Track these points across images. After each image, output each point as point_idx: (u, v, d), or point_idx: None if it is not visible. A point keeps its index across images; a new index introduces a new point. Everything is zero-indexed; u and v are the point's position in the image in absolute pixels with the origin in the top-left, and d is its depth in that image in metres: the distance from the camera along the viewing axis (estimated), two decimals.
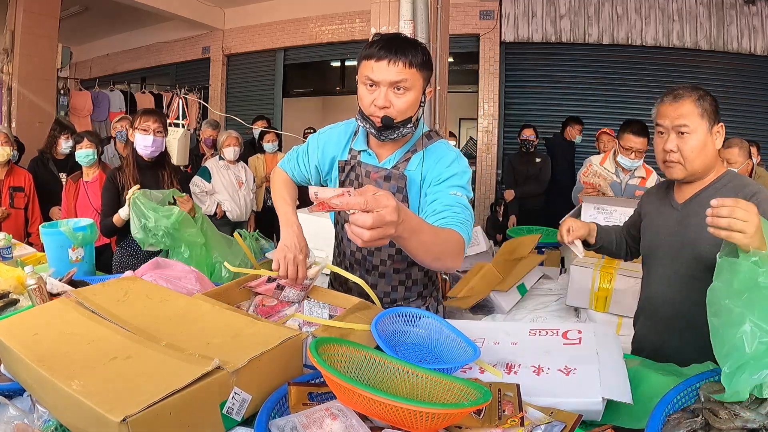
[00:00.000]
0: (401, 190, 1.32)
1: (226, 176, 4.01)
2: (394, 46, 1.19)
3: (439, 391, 0.87)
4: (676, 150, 1.30)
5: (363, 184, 1.33)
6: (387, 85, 1.20)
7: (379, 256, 1.40)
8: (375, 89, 1.22)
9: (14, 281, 1.40)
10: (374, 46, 1.21)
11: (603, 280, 2.09)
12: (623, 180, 2.81)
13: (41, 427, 0.84)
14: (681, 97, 1.30)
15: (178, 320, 1.01)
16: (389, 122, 1.23)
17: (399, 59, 1.18)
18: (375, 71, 1.20)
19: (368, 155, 1.36)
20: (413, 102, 1.24)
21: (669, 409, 0.83)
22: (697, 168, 1.32)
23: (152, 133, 2.25)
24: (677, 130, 1.30)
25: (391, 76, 1.19)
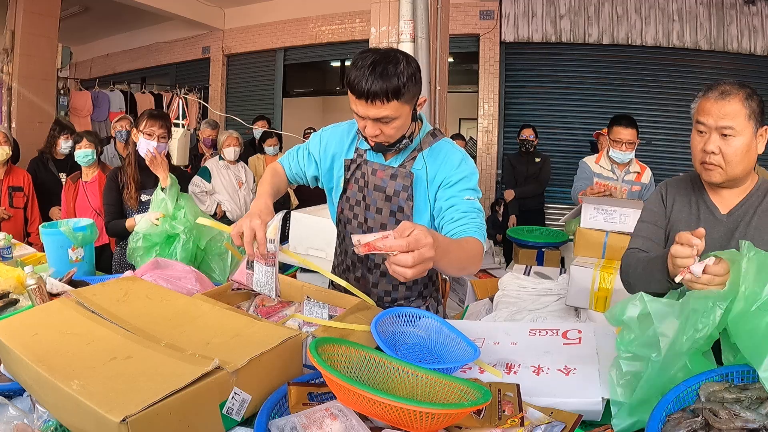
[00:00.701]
0: (406, 188, 1.33)
1: (226, 176, 4.01)
2: (369, 84, 1.15)
3: (439, 391, 0.87)
4: (718, 152, 1.18)
5: (369, 182, 1.36)
6: (371, 120, 1.21)
7: (381, 255, 1.39)
8: (363, 120, 1.24)
9: (14, 281, 1.40)
10: (351, 77, 1.18)
11: (603, 280, 2.09)
12: (619, 176, 2.84)
13: (41, 427, 0.84)
14: (728, 95, 1.18)
15: (178, 320, 1.01)
16: (381, 148, 1.29)
17: (376, 98, 1.17)
18: (358, 107, 1.21)
19: (374, 154, 1.38)
20: (402, 125, 1.25)
21: (669, 409, 0.83)
22: (738, 173, 1.21)
23: (156, 139, 2.25)
24: (721, 131, 1.18)
25: (374, 114, 1.19)
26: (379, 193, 1.36)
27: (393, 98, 1.17)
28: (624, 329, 0.91)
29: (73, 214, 2.89)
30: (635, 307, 0.87)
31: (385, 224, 1.37)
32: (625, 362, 0.89)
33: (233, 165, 4.07)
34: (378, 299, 1.43)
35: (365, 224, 1.40)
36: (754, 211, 1.24)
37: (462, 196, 1.29)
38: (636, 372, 0.88)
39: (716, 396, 0.84)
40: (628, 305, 0.88)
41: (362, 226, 1.40)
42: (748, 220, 1.24)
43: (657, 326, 0.84)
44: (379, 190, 1.36)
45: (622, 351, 0.90)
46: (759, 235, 1.21)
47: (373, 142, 1.27)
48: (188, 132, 3.63)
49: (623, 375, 0.90)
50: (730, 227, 1.25)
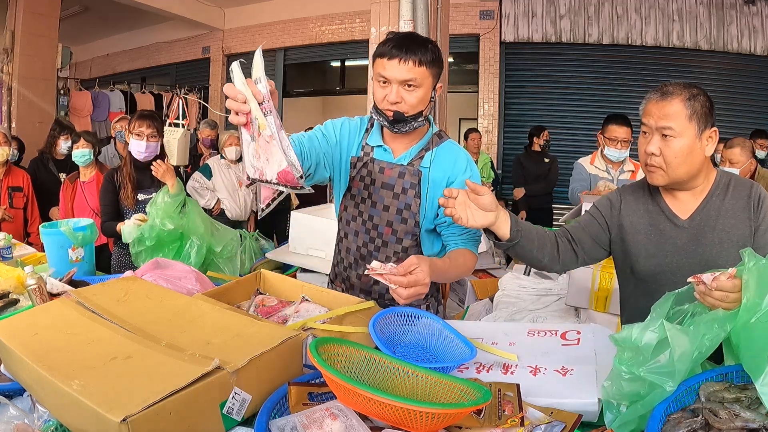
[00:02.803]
0: (414, 186, 1.36)
1: (227, 175, 4.01)
2: (405, 45, 1.24)
3: (439, 391, 0.87)
4: (659, 153, 1.16)
5: (375, 180, 1.38)
6: (398, 82, 1.25)
7: (384, 252, 1.41)
8: (387, 86, 1.27)
9: (14, 281, 1.40)
10: (386, 45, 1.26)
11: (603, 280, 2.09)
12: (614, 176, 2.85)
13: (41, 427, 0.84)
14: (669, 95, 1.15)
15: (178, 320, 1.01)
16: (400, 117, 1.28)
17: (409, 58, 1.23)
18: (387, 69, 1.25)
19: (384, 151, 1.39)
20: (423, 97, 1.28)
21: (669, 409, 0.83)
22: (680, 175, 1.18)
23: (145, 138, 2.27)
24: (661, 131, 1.15)
25: (402, 74, 1.24)
26: (386, 191, 1.37)
27: (422, 64, 1.24)
28: (628, 351, 0.88)
29: (71, 214, 2.89)
30: (653, 333, 0.85)
31: (391, 221, 1.38)
32: (628, 383, 0.87)
33: (234, 164, 4.07)
34: (379, 296, 1.43)
35: (370, 221, 1.40)
36: (717, 213, 1.21)
37: None
38: (636, 392, 0.86)
39: (716, 396, 0.84)
40: (646, 332, 0.85)
41: (366, 223, 1.41)
42: (713, 223, 1.21)
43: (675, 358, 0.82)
44: (387, 187, 1.37)
45: (624, 372, 0.87)
46: (727, 237, 1.19)
47: (392, 112, 1.28)
48: (188, 132, 3.63)
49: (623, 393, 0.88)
50: (694, 233, 1.21)
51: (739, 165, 2.87)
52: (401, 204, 1.37)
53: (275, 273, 1.50)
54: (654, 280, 1.27)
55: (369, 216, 1.40)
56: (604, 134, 2.85)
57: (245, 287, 1.39)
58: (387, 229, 1.39)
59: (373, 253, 1.41)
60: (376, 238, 1.40)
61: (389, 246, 1.40)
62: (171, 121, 3.65)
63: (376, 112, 1.32)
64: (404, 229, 1.38)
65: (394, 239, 1.39)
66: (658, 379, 0.83)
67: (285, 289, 1.41)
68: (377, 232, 1.40)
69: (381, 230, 1.39)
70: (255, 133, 0.98)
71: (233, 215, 4.05)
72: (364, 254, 1.43)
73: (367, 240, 1.41)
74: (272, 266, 3.02)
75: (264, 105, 0.96)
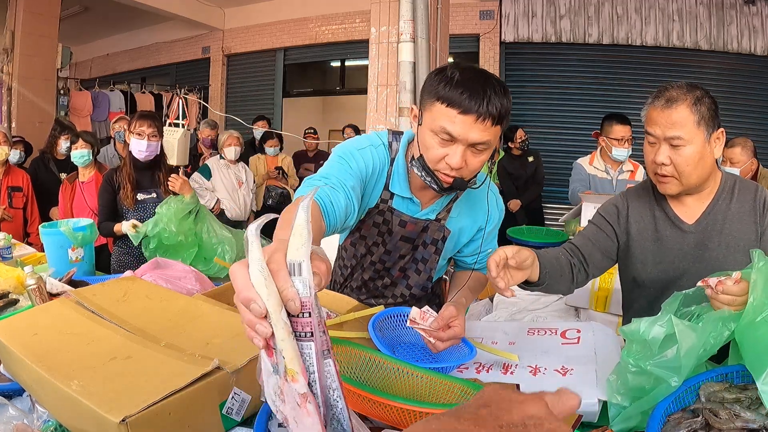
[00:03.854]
0: (436, 242, 1.23)
1: (226, 175, 4.01)
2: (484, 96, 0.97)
3: (439, 391, 0.87)
4: (669, 163, 1.12)
5: (394, 232, 1.22)
6: (467, 144, 1.00)
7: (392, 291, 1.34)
8: (449, 144, 1.01)
9: (14, 281, 1.40)
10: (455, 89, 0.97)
11: (603, 280, 2.09)
12: (613, 176, 2.85)
13: (41, 427, 0.84)
14: (674, 102, 1.09)
15: (178, 320, 1.01)
16: (461, 184, 1.06)
17: (488, 116, 0.97)
18: (457, 125, 0.98)
19: (411, 203, 1.19)
20: (486, 160, 1.05)
21: (669, 409, 0.83)
22: (693, 182, 1.15)
23: (146, 138, 2.29)
24: (670, 141, 1.11)
25: (475, 136, 0.99)
26: (405, 243, 1.24)
27: (499, 122, 1.00)
28: (636, 344, 0.88)
29: (70, 214, 2.89)
30: (661, 328, 0.85)
31: (405, 268, 1.29)
32: (633, 376, 0.87)
33: (233, 164, 4.07)
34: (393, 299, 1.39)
35: (381, 264, 1.29)
36: (723, 218, 1.19)
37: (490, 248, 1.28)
38: (641, 387, 0.87)
39: (716, 396, 0.84)
40: (654, 326, 0.85)
41: (376, 265, 1.29)
42: (719, 228, 1.19)
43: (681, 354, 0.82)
44: (407, 241, 1.24)
45: (631, 365, 0.87)
46: (734, 241, 1.18)
47: (451, 178, 1.04)
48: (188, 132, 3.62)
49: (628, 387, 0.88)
50: (700, 238, 1.19)
51: (740, 165, 2.86)
52: (419, 255, 1.26)
53: None
54: (659, 286, 1.24)
55: (380, 260, 1.28)
56: (608, 135, 2.83)
57: None
58: (399, 273, 1.30)
59: (381, 289, 1.34)
60: (386, 278, 1.32)
61: (398, 288, 1.33)
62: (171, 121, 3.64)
63: (423, 170, 1.06)
64: (416, 280, 1.30)
65: (404, 283, 1.32)
66: (663, 373, 0.83)
67: None
68: (388, 274, 1.31)
69: (393, 273, 1.30)
70: (280, 369, 0.55)
71: (233, 215, 4.04)
72: (370, 288, 1.35)
73: (374, 277, 1.31)
74: None
75: (301, 321, 0.52)
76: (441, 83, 1.00)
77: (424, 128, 1.05)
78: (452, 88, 0.98)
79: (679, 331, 0.83)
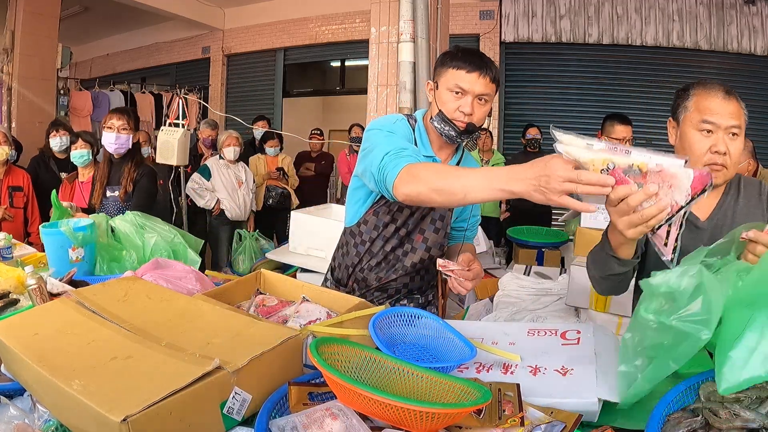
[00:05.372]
0: None
1: (226, 175, 4.02)
2: (483, 61, 1.31)
3: (440, 391, 0.87)
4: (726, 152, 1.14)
5: None
6: (474, 95, 1.30)
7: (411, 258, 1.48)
8: (461, 97, 1.31)
9: (14, 281, 1.40)
10: (460, 59, 1.31)
11: None
12: None
13: (41, 427, 0.84)
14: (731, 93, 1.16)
15: (178, 320, 1.01)
16: (473, 128, 1.34)
17: (487, 74, 1.30)
18: (466, 81, 1.30)
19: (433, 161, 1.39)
20: (486, 113, 1.36)
21: (669, 409, 0.83)
22: (733, 173, 1.18)
23: (116, 130, 2.33)
24: (730, 131, 1.14)
25: (480, 88, 1.30)
26: None
27: (495, 81, 1.32)
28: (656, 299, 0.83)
29: None
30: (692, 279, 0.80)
31: (424, 229, 1.44)
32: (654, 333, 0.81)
33: (233, 164, 4.08)
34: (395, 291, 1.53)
35: (404, 228, 1.43)
36: (732, 213, 1.21)
37: (478, 215, 1.52)
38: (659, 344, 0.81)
39: (716, 396, 0.84)
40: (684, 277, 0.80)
41: (400, 230, 1.44)
42: (729, 223, 1.19)
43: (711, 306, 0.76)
44: None
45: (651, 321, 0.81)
46: None
47: (464, 123, 1.32)
48: (188, 132, 3.63)
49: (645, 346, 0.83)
50: (713, 234, 1.19)
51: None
52: (436, 214, 1.42)
53: (275, 273, 1.50)
54: None
55: (404, 222, 1.43)
56: (608, 135, 2.82)
57: (245, 287, 1.39)
58: (419, 236, 1.45)
59: (401, 258, 1.46)
60: (406, 244, 1.45)
61: (417, 253, 1.46)
62: (171, 121, 3.65)
63: (442, 121, 1.33)
64: (435, 239, 1.45)
65: (423, 247, 1.45)
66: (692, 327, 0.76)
67: (285, 289, 1.41)
68: (409, 239, 1.45)
69: (413, 236, 1.45)
70: (638, 179, 0.82)
71: (233, 215, 4.05)
72: (390, 259, 1.47)
73: (396, 245, 1.45)
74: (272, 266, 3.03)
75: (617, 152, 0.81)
76: (449, 57, 1.34)
77: (440, 91, 1.34)
78: (459, 57, 1.31)
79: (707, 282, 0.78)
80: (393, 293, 1.52)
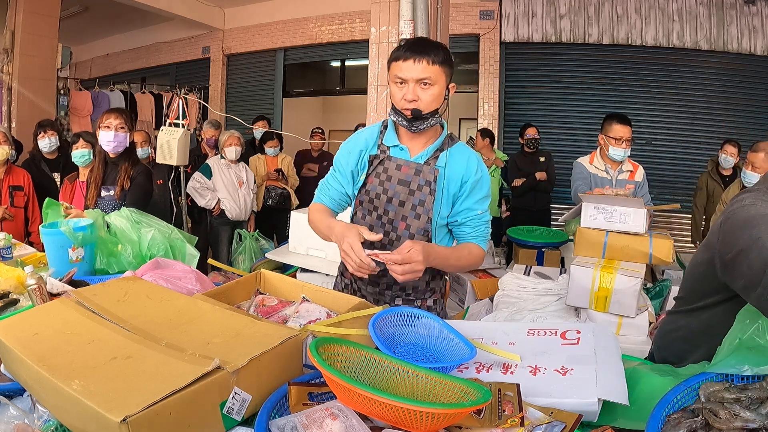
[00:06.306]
0: (429, 184, 1.44)
1: (227, 175, 4.02)
2: (418, 47, 1.35)
3: (440, 391, 0.87)
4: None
5: (392, 177, 1.47)
6: (414, 81, 1.35)
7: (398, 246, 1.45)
8: (404, 86, 1.37)
9: (14, 281, 1.40)
10: (401, 49, 1.37)
11: (603, 279, 2.09)
12: (613, 176, 2.85)
13: (41, 427, 0.84)
14: None
15: (178, 320, 1.01)
16: (418, 114, 1.37)
17: (422, 58, 1.33)
18: (403, 70, 1.35)
19: (400, 150, 1.48)
20: (438, 95, 1.38)
21: (669, 409, 0.83)
22: None
23: (114, 129, 2.34)
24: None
25: (417, 73, 1.34)
26: (402, 187, 1.45)
27: (435, 63, 1.34)
28: None
29: None
30: None
31: (405, 216, 1.46)
32: None
33: (234, 164, 4.08)
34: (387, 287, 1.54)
35: (386, 216, 1.48)
36: None
37: (476, 209, 1.46)
38: None
39: (716, 396, 0.84)
40: None
41: (382, 218, 1.48)
42: None
43: None
44: (403, 184, 1.45)
45: None
46: None
47: (410, 110, 1.36)
48: (188, 132, 3.63)
49: None
50: None
51: (762, 171, 2.84)
52: (416, 200, 1.45)
53: (275, 273, 1.50)
54: None
55: (384, 210, 1.48)
56: (607, 134, 2.83)
57: (245, 287, 1.39)
58: (402, 224, 1.47)
59: (387, 247, 1.47)
60: (391, 232, 1.49)
61: (402, 240, 1.47)
62: (171, 121, 3.65)
63: (395, 113, 1.41)
64: (417, 225, 1.47)
65: (407, 233, 1.47)
66: None
67: (285, 289, 1.41)
68: (392, 227, 1.48)
69: (396, 224, 1.48)
70: None
71: (233, 215, 4.05)
72: (377, 248, 1.45)
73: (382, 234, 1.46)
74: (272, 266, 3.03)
75: None
76: (393, 52, 1.40)
77: (390, 84, 1.42)
78: (398, 50, 1.38)
79: None
80: (384, 288, 1.52)
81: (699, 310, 1.22)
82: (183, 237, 1.93)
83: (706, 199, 4.28)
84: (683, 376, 0.96)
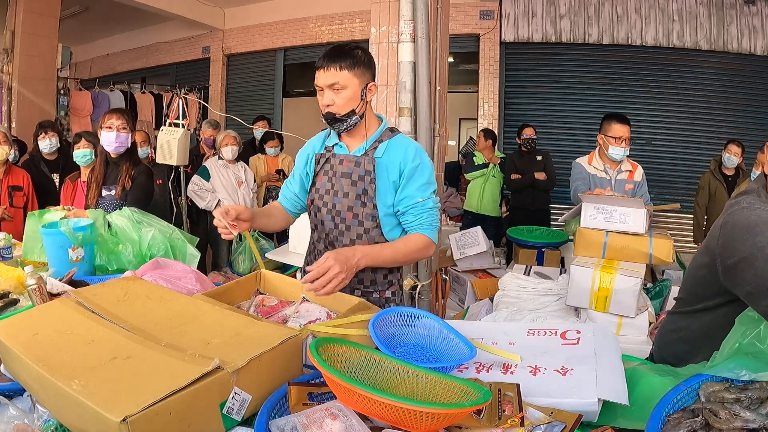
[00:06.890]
0: (369, 173, 1.51)
1: (225, 176, 4.01)
2: (327, 55, 1.45)
3: (440, 391, 0.87)
4: None
5: (337, 172, 1.56)
6: (327, 87, 1.46)
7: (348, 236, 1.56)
8: (322, 92, 1.48)
9: (14, 281, 1.40)
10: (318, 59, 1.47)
11: (603, 279, 2.09)
12: (612, 176, 2.85)
13: (41, 427, 0.84)
14: None
15: (178, 320, 1.01)
16: (332, 116, 1.48)
17: (330, 66, 1.44)
18: (318, 78, 1.47)
19: (340, 147, 1.58)
20: (350, 97, 1.46)
21: (669, 409, 0.83)
22: None
23: (116, 129, 2.36)
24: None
25: (327, 80, 1.45)
26: (345, 180, 1.54)
27: (343, 68, 1.43)
28: None
29: None
30: None
31: (351, 206, 1.54)
32: None
33: (233, 164, 4.07)
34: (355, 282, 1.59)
35: (334, 209, 1.56)
36: None
37: (416, 197, 1.51)
38: None
39: (716, 396, 0.84)
40: None
41: (331, 212, 1.57)
42: None
43: None
44: (346, 176, 1.54)
45: None
46: None
47: (326, 112, 1.48)
48: (188, 132, 3.63)
49: None
50: None
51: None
52: (359, 190, 1.52)
53: (275, 273, 1.50)
54: None
55: (333, 204, 1.56)
56: (606, 134, 2.83)
57: (245, 287, 1.39)
58: (349, 214, 1.55)
59: (339, 238, 1.57)
60: (340, 224, 1.57)
61: (352, 229, 1.56)
62: (171, 121, 3.65)
63: (322, 116, 1.51)
64: (364, 212, 1.54)
65: (356, 222, 1.55)
66: None
67: (285, 289, 1.41)
68: (341, 218, 1.56)
69: (344, 215, 1.56)
70: None
71: None
72: (332, 240, 1.59)
73: (332, 227, 1.58)
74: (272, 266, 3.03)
75: None
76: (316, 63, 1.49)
77: None
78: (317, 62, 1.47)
79: None
80: None
81: (700, 312, 1.22)
82: (184, 237, 1.94)
83: (708, 199, 4.28)
84: (683, 376, 0.96)
